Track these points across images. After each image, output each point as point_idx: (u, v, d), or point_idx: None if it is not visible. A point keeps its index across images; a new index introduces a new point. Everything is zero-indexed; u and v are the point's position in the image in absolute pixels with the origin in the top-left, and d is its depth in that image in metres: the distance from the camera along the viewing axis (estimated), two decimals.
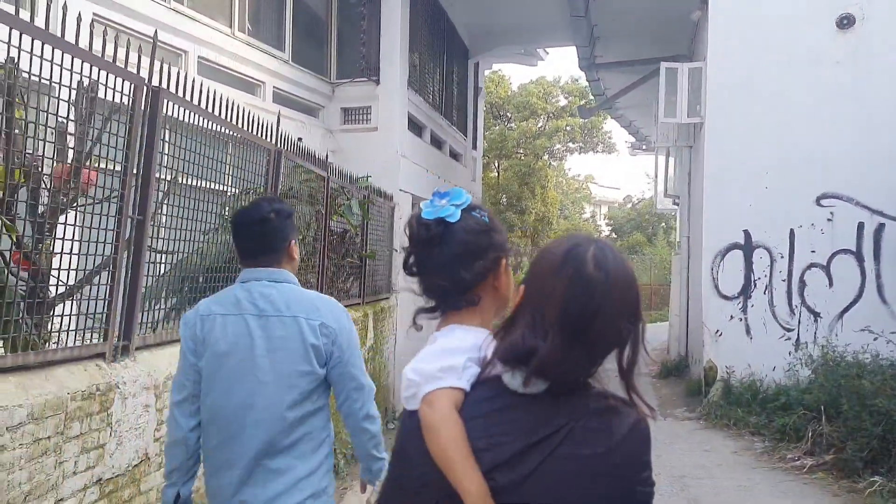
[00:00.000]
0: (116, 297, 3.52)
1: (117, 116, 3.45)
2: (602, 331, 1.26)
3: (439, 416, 1.31)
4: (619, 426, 1.26)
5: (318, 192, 6.92)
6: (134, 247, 3.65)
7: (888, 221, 8.87)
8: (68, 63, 3.03)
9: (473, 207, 1.51)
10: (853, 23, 9.03)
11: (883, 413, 6.36)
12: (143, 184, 3.65)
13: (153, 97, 3.65)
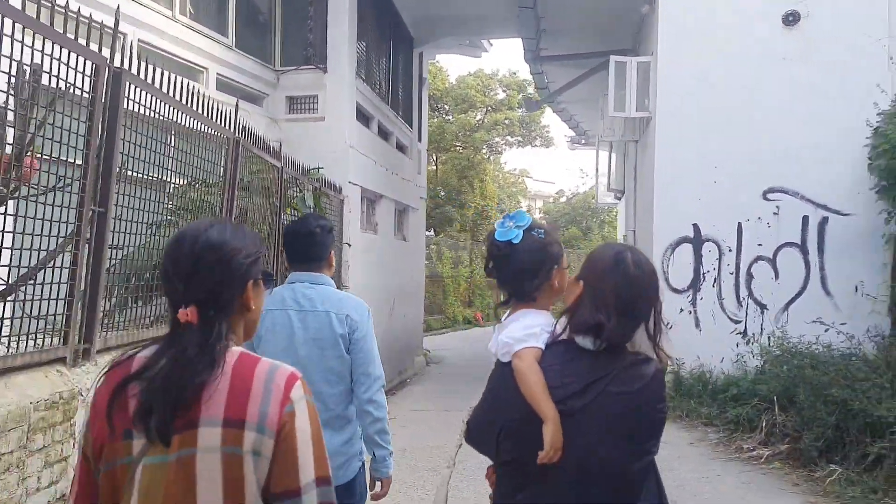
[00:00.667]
0: (77, 297, 3.22)
1: (70, 98, 3.14)
2: (641, 309, 1.96)
3: (526, 365, 1.93)
4: (647, 372, 1.91)
5: (271, 183, 6.63)
6: (95, 242, 3.34)
7: (832, 215, 9.10)
8: (21, 37, 2.72)
9: (533, 227, 2.08)
10: (798, 19, 9.22)
11: (837, 403, 6.50)
12: (105, 173, 3.34)
13: (115, 80, 3.35)
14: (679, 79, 9.79)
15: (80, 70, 3.11)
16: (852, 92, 8.87)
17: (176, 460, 1.44)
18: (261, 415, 1.47)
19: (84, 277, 3.29)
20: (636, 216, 13.21)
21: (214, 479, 1.44)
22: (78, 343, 3.30)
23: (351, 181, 10.00)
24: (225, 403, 1.47)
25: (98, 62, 3.23)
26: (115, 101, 3.36)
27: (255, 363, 1.54)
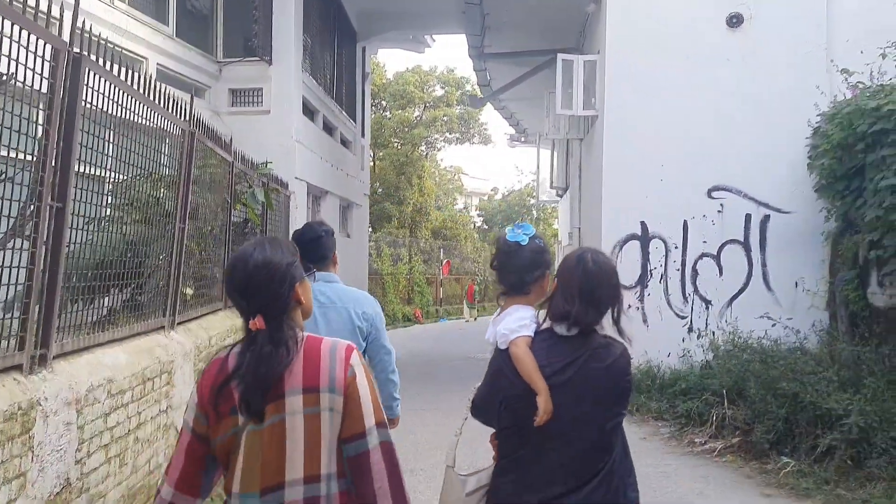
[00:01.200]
0: (33, 298, 2.98)
1: (27, 85, 2.89)
2: (601, 298, 2.39)
3: (522, 351, 2.40)
4: (615, 352, 2.39)
5: (221, 178, 6.37)
6: (52, 239, 3.10)
7: (773, 213, 9.35)
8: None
9: (536, 236, 2.57)
10: (742, 21, 9.43)
11: (787, 396, 6.66)
12: (63, 166, 3.11)
13: (74, 66, 3.11)
14: (626, 78, 9.89)
15: (39, 54, 2.87)
16: (793, 93, 9.12)
17: (269, 425, 1.89)
18: (331, 380, 1.93)
19: (41, 278, 3.04)
20: (581, 214, 13.34)
21: (297, 435, 1.89)
22: (35, 349, 3.05)
23: (297, 177, 9.77)
24: (302, 375, 1.92)
25: (58, 46, 2.99)
26: (74, 88, 3.12)
27: (319, 342, 2.00)
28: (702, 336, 9.35)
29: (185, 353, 4.88)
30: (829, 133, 8.11)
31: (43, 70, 2.93)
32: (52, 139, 2.99)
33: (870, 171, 7.31)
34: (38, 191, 2.96)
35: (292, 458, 1.89)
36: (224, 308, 6.48)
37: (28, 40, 2.79)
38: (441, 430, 7.82)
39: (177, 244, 4.81)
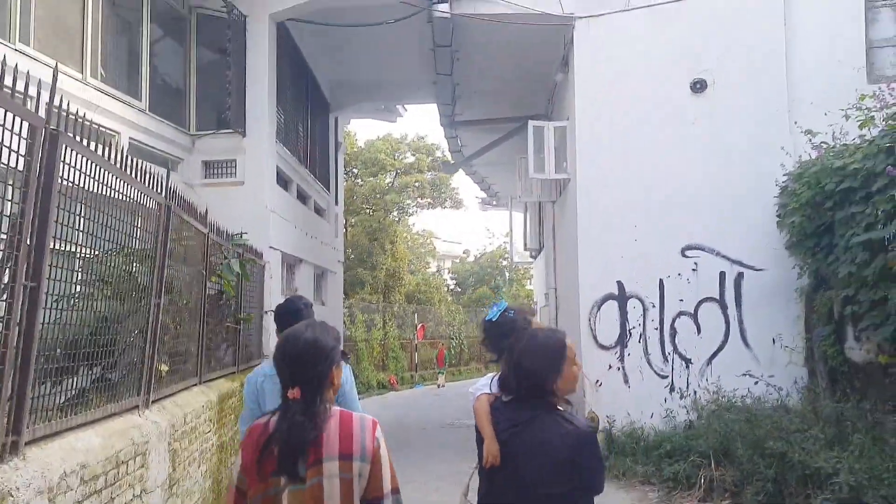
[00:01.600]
0: (6, 383, 2.85)
1: None
2: (531, 372, 2.72)
3: (477, 405, 2.95)
4: (558, 429, 2.64)
5: (196, 250, 6.28)
6: (26, 320, 2.99)
7: (746, 270, 9.45)
8: None
9: (507, 309, 3.21)
10: (706, 87, 9.71)
11: (775, 456, 6.60)
12: (38, 245, 3.02)
13: (51, 142, 3.06)
14: (596, 142, 10.08)
15: (14, 131, 2.82)
16: (758, 154, 9.34)
17: (310, 486, 2.20)
18: (362, 449, 2.27)
19: (13, 361, 2.92)
20: (556, 275, 13.38)
21: (334, 495, 2.21)
22: (6, 436, 2.90)
23: (272, 246, 9.70)
24: (339, 444, 2.26)
25: (35, 123, 2.94)
26: (50, 165, 3.06)
27: (350, 416, 2.34)
28: (684, 396, 9.30)
29: (159, 433, 4.70)
30: (797, 192, 8.29)
31: (19, 147, 2.87)
32: (27, 217, 2.91)
33: (839, 227, 7.44)
34: (11, 270, 2.86)
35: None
36: (199, 384, 6.30)
37: (3, 117, 2.74)
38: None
39: (152, 320, 4.69)
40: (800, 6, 9.58)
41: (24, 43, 7.09)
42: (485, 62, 12.50)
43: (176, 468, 5.06)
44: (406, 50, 12.41)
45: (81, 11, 7.91)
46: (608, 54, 10.12)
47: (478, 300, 40.17)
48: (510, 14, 10.33)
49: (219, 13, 9.69)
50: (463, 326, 34.98)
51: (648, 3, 9.98)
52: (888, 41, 9.50)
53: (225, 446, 6.76)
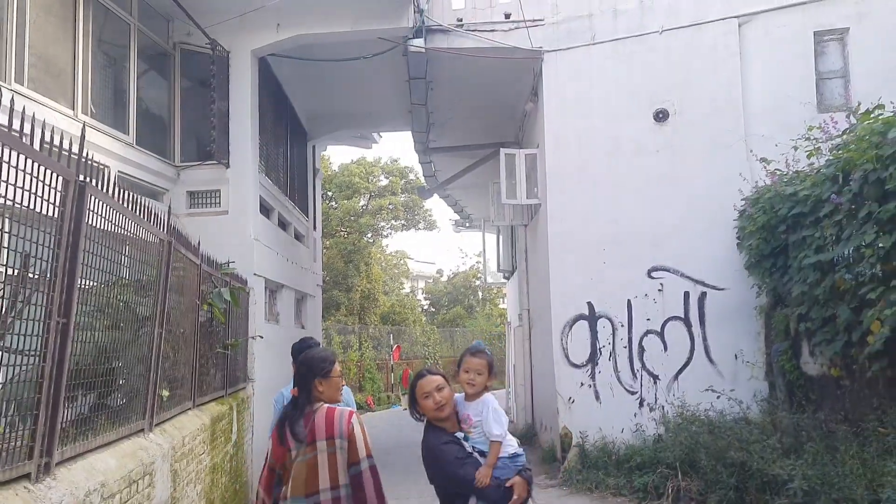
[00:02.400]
0: (42, 411, 3.19)
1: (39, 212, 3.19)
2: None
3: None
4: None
5: (191, 280, 6.62)
6: (58, 353, 3.33)
7: (709, 290, 9.97)
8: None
9: (484, 350, 3.92)
10: (667, 117, 10.27)
11: (736, 465, 7.06)
12: (69, 284, 3.38)
13: (80, 193, 3.43)
14: (564, 169, 10.58)
15: (49, 185, 3.18)
16: (718, 180, 9.90)
17: (309, 458, 3.44)
18: (341, 431, 3.49)
19: (48, 390, 3.26)
20: (529, 296, 13.83)
21: (324, 463, 3.42)
22: (40, 458, 3.24)
23: (256, 273, 10.01)
24: (325, 429, 3.48)
25: (67, 177, 3.31)
26: (79, 213, 3.43)
27: (333, 410, 3.55)
28: (653, 410, 9.76)
29: (163, 454, 5.02)
30: (753, 216, 8.84)
31: (53, 198, 3.23)
32: (60, 261, 3.27)
33: (792, 250, 8.00)
34: (47, 308, 3.21)
35: (322, 476, 3.42)
36: (193, 407, 6.60)
37: (41, 172, 3.11)
38: None
39: (154, 348, 5.02)
40: (754, 41, 10.21)
41: (18, 83, 7.40)
42: (458, 92, 12.98)
43: (176, 488, 5.37)
44: (382, 81, 12.86)
45: (73, 50, 8.23)
46: (575, 86, 10.66)
47: (452, 320, 40.60)
48: (482, 48, 10.83)
49: (202, 49, 10.06)
50: (438, 346, 35.33)
51: (613, 38, 10.56)
52: (835, 73, 10.16)
53: (217, 468, 7.06)
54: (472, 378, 3.75)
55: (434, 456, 3.62)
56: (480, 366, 3.77)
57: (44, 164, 3.15)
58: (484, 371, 3.77)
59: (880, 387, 6.90)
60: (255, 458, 9.35)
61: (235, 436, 8.29)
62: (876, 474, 6.02)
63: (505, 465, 3.59)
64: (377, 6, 10.07)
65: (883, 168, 6.08)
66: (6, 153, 2.86)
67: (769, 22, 10.19)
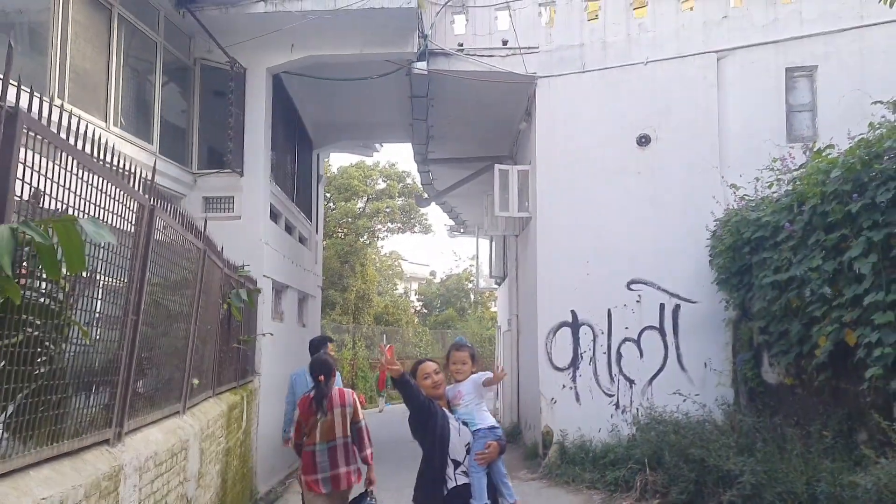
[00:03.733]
0: (120, 390, 3.99)
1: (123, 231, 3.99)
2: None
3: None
4: None
5: (215, 282, 7.41)
6: (130, 343, 4.14)
7: (683, 303, 10.83)
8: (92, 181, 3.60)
9: (468, 343, 4.90)
10: (649, 142, 11.13)
11: (696, 461, 7.90)
12: (139, 288, 4.18)
13: (150, 214, 4.24)
14: (554, 186, 11.43)
15: (130, 208, 3.99)
16: (694, 202, 10.76)
17: (328, 419, 5.68)
18: (348, 402, 5.80)
19: (124, 374, 4.07)
20: (518, 302, 14.67)
21: (339, 422, 5.70)
22: (117, 427, 4.04)
23: (265, 274, 10.80)
24: (339, 401, 5.77)
25: (142, 202, 4.11)
26: (149, 231, 4.23)
27: (343, 390, 5.90)
28: (626, 412, 10.60)
29: (195, 433, 5.82)
30: (722, 237, 9.70)
31: (131, 219, 4.05)
32: (136, 271, 4.08)
33: (755, 269, 8.85)
34: (125, 309, 4.02)
35: (337, 429, 5.64)
36: (213, 395, 7.40)
37: (125, 200, 3.92)
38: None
39: (191, 341, 5.83)
40: (731, 74, 11.08)
41: (60, 97, 8.19)
42: (457, 110, 13.82)
43: (203, 464, 6.18)
44: (385, 96, 13.68)
45: (106, 67, 9.02)
46: (565, 109, 11.51)
47: (444, 322, 41.47)
48: (481, 72, 11.67)
49: (221, 65, 10.86)
50: (429, 348, 36.16)
51: (601, 67, 11.41)
52: (804, 106, 11.03)
53: (231, 451, 7.85)
54: (459, 368, 4.64)
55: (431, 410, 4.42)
56: (465, 357, 4.63)
57: (127, 192, 3.96)
58: (468, 360, 4.64)
59: (825, 395, 7.76)
60: (260, 446, 10.15)
61: (245, 423, 9.08)
62: (815, 472, 6.85)
63: (485, 434, 4.43)
64: (385, 32, 10.88)
65: (827, 203, 6.94)
66: (102, 183, 3.66)
67: (745, 57, 11.06)
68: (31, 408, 3.00)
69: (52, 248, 2.74)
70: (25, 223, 2.68)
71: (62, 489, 3.11)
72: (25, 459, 2.96)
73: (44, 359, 3.11)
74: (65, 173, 3.22)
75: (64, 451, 3.35)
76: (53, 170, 3.17)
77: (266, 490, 10.35)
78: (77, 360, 3.45)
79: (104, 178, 3.70)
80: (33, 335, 2.98)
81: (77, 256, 2.82)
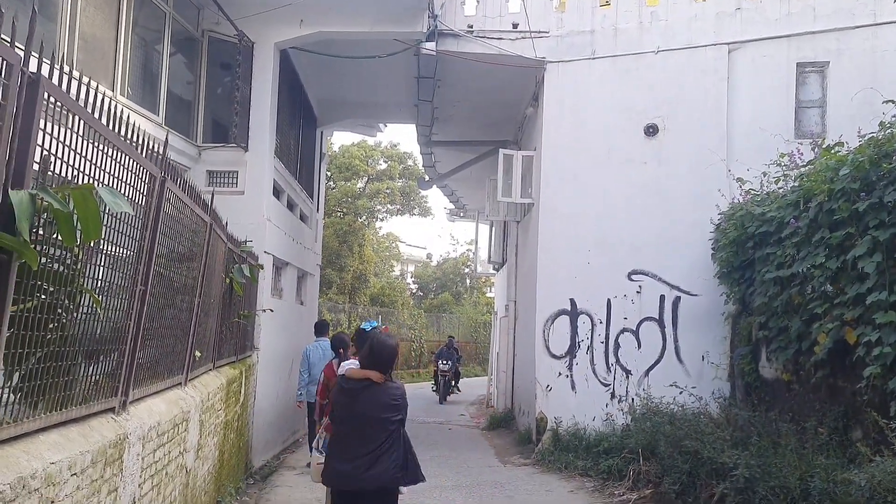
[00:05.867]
0: (125, 360, 3.99)
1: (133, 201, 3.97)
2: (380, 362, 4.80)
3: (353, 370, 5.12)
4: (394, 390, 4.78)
5: (219, 256, 7.39)
6: (137, 313, 4.13)
7: (683, 295, 10.84)
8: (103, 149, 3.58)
9: (377, 329, 5.90)
10: (657, 132, 11.09)
11: (690, 453, 7.93)
12: (148, 259, 4.17)
13: (161, 186, 4.22)
14: (558, 173, 11.40)
15: (142, 178, 3.97)
16: (699, 194, 10.74)
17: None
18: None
19: (131, 344, 4.06)
20: (517, 288, 14.68)
21: None
22: (122, 396, 4.04)
23: (266, 251, 10.78)
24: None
25: (154, 173, 4.09)
26: (159, 202, 4.21)
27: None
28: (622, 401, 10.64)
29: (195, 405, 5.83)
30: (726, 231, 9.69)
31: (143, 190, 4.02)
32: (146, 241, 4.06)
33: (758, 264, 8.86)
34: (133, 278, 4.01)
35: None
36: (213, 368, 7.41)
37: (137, 170, 3.89)
38: None
39: (195, 314, 5.82)
40: (742, 67, 11.02)
41: (68, 65, 8.11)
42: (463, 92, 13.74)
43: (202, 436, 6.19)
44: (391, 76, 13.60)
45: (115, 36, 8.94)
46: (574, 96, 11.46)
47: (440, 306, 41.51)
48: (489, 54, 11.59)
49: (229, 38, 10.77)
50: (423, 331, 36.21)
51: (612, 54, 11.35)
52: (814, 102, 11.00)
53: (228, 425, 7.87)
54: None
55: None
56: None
57: (139, 162, 3.93)
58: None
59: (822, 392, 7.79)
60: (257, 421, 10.18)
61: (243, 398, 9.10)
62: (809, 467, 6.88)
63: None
64: (395, 10, 10.80)
65: (834, 200, 6.93)
66: (116, 153, 3.64)
67: (757, 51, 11.01)
68: (42, 373, 3.00)
69: (70, 216, 2.72)
70: (44, 189, 2.66)
71: (70, 454, 3.12)
72: (35, 424, 2.96)
73: (55, 325, 3.10)
74: (81, 142, 3.20)
75: (72, 417, 3.35)
76: (71, 138, 3.15)
77: (260, 465, 10.39)
78: (86, 327, 3.44)
79: (118, 148, 3.67)
80: (46, 301, 2.98)
81: (93, 224, 2.81)
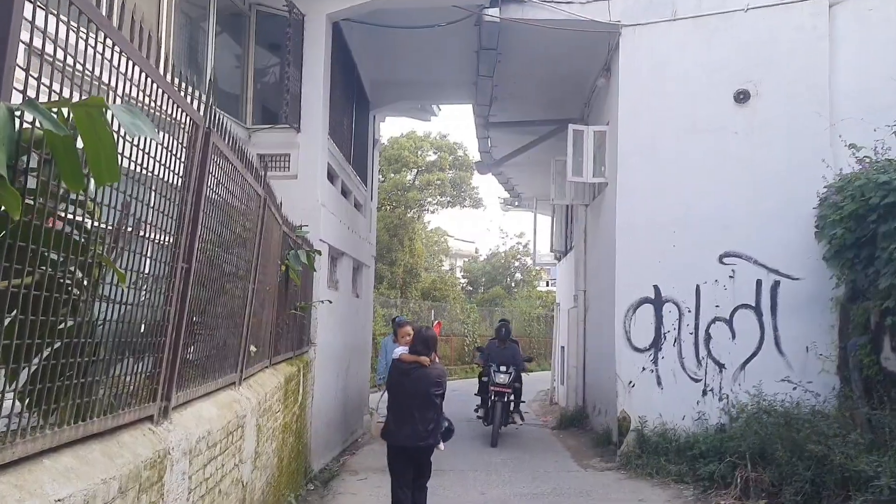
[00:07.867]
0: (165, 354, 3.16)
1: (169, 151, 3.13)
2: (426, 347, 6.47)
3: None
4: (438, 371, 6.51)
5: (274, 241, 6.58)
6: (180, 298, 3.29)
7: (783, 279, 9.70)
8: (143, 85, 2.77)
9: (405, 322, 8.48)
10: (748, 98, 9.96)
11: (814, 458, 6.87)
12: (192, 230, 3.33)
13: (206, 139, 3.38)
14: (637, 148, 10.35)
15: (183, 126, 3.13)
16: (799, 165, 9.58)
17: None
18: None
19: (172, 334, 3.23)
20: (587, 277, 13.64)
21: None
22: (162, 401, 3.21)
23: (322, 239, 9.98)
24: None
25: (198, 121, 3.25)
26: (204, 159, 3.37)
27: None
28: (721, 399, 9.56)
29: (252, 408, 5.02)
30: (840, 204, 8.54)
31: (184, 141, 3.18)
32: (187, 206, 3.22)
33: (882, 240, 7.70)
34: (174, 253, 3.17)
35: None
36: (269, 366, 6.61)
37: (176, 112, 3.06)
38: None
39: (249, 303, 5.00)
40: (844, 23, 9.81)
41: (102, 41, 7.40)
42: (526, 65, 12.78)
43: (259, 443, 5.38)
44: (449, 50, 12.71)
45: (157, 9, 8.22)
46: (653, 62, 10.40)
47: (491, 300, 40.50)
48: (557, 20, 10.59)
49: (278, 11, 9.99)
50: (476, 326, 35.28)
51: (695, 14, 10.25)
52: None
53: (287, 427, 7.08)
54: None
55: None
56: (408, 330, 7.24)
57: (182, 106, 3.10)
58: (411, 332, 6.94)
59: None
60: (315, 422, 9.39)
61: (301, 397, 8.32)
62: None
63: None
64: None
65: None
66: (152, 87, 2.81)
67: (861, 4, 9.79)
68: (50, 373, 2.17)
69: (72, 143, 1.87)
70: (30, 103, 1.81)
71: (86, 484, 2.28)
72: (37, 444, 2.12)
73: (66, 309, 2.27)
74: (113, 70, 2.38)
75: (93, 431, 2.52)
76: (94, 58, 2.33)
77: (320, 468, 9.60)
78: (111, 312, 2.60)
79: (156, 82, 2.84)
80: (51, 274, 2.14)
81: (107, 160, 1.94)
